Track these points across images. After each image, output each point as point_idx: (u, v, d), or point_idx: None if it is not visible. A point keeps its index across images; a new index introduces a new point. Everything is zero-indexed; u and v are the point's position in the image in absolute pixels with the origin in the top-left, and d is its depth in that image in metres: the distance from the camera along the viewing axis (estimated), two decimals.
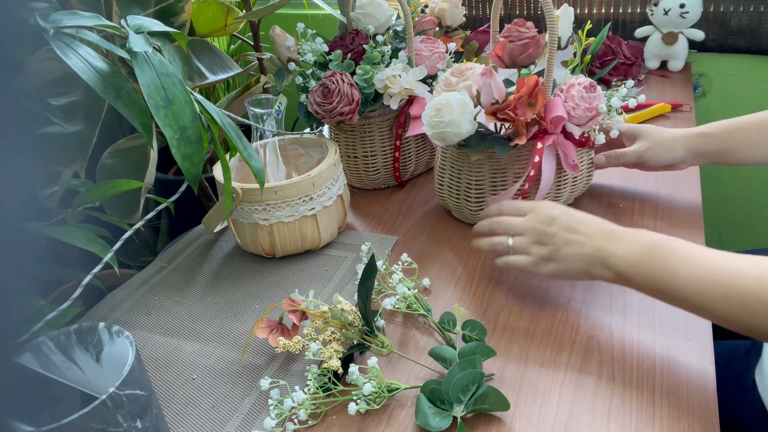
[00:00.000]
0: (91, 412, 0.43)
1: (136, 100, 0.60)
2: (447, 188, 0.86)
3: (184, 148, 0.60)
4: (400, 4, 0.90)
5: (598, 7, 1.40)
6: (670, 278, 0.58)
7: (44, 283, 0.90)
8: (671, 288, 0.58)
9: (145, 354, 0.71)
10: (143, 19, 0.64)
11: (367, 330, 0.64)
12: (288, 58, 1.01)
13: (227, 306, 0.77)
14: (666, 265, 0.59)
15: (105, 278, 0.99)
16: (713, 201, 1.44)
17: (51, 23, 0.58)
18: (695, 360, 0.62)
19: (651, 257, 0.60)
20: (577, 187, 0.87)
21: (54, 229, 0.75)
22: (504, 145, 0.76)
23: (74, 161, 0.73)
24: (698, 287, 0.56)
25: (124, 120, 1.14)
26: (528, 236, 0.69)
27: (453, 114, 0.75)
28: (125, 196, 0.84)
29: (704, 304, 0.56)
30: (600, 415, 0.57)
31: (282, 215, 0.80)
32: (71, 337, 0.51)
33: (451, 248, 0.84)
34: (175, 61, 0.67)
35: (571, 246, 0.65)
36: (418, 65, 0.93)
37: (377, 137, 0.96)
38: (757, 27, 1.29)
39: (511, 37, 0.81)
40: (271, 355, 0.68)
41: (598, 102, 0.77)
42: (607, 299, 0.71)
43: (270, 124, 0.88)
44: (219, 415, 0.62)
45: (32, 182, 0.75)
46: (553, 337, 0.66)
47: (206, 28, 1.08)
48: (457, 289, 0.76)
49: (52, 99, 0.71)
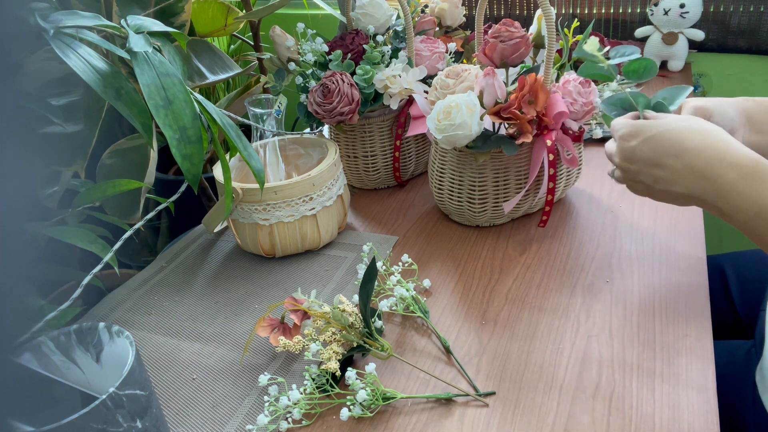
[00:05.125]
0: (91, 412, 0.43)
1: (136, 100, 0.60)
2: (447, 192, 0.86)
3: (184, 148, 0.60)
4: (400, 4, 0.90)
5: (598, 7, 1.40)
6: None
7: (44, 283, 0.91)
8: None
9: (145, 354, 0.71)
10: (143, 19, 0.64)
11: (367, 332, 0.64)
12: (288, 58, 1.01)
13: (227, 306, 0.77)
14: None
15: (105, 278, 0.99)
16: None
17: (51, 23, 0.58)
18: (695, 360, 0.62)
19: (752, 186, 0.53)
20: (570, 181, 0.88)
21: (54, 229, 0.75)
22: (510, 144, 0.76)
23: (74, 161, 0.73)
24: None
25: (124, 120, 1.15)
26: (621, 173, 0.64)
27: (463, 116, 0.75)
28: (125, 196, 0.84)
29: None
30: (600, 416, 0.57)
31: (282, 215, 0.80)
32: (71, 337, 0.51)
33: (452, 248, 0.84)
34: (175, 61, 0.67)
35: (661, 183, 0.59)
36: (418, 65, 0.93)
37: (377, 137, 0.96)
38: (757, 27, 1.29)
39: (501, 36, 0.81)
40: (271, 354, 0.68)
41: (593, 96, 0.78)
42: (607, 299, 0.71)
43: (270, 124, 0.88)
44: (219, 415, 0.62)
45: (32, 182, 0.75)
46: (554, 337, 0.66)
47: (206, 28, 1.08)
48: (457, 290, 0.76)
49: (52, 99, 0.71)
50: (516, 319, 0.70)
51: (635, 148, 0.60)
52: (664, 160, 0.58)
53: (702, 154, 0.56)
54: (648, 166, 0.60)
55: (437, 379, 0.63)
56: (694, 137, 0.57)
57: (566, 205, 0.90)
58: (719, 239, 1.51)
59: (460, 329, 0.69)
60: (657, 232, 0.82)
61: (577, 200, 0.91)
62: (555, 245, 0.82)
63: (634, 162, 0.61)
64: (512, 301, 0.73)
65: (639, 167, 0.60)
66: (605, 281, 0.74)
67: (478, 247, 0.83)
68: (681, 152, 0.57)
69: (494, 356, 0.65)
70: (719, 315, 0.88)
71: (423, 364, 0.65)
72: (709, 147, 0.56)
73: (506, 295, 0.74)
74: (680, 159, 0.57)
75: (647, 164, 0.60)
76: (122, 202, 0.85)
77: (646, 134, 0.59)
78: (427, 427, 0.58)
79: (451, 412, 0.59)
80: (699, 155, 0.57)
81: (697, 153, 0.57)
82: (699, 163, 0.56)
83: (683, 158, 0.57)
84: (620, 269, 0.76)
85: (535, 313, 0.70)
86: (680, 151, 0.57)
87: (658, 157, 0.58)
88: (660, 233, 0.81)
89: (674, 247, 0.79)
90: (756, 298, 0.85)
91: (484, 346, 0.66)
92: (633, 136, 0.60)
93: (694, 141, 0.57)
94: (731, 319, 0.89)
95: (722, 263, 0.92)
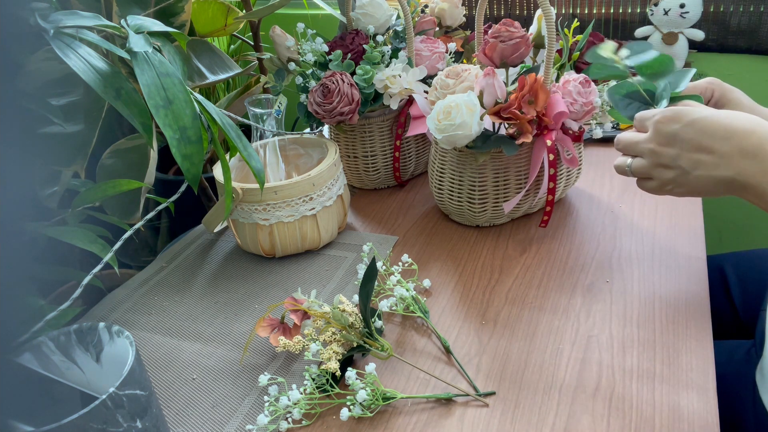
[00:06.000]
0: (91, 412, 0.43)
1: (136, 100, 0.60)
2: (447, 192, 0.86)
3: (184, 148, 0.60)
4: (400, 4, 0.90)
5: (598, 7, 1.40)
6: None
7: (44, 283, 0.90)
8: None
9: (145, 354, 0.71)
10: (143, 19, 0.64)
11: (367, 332, 0.64)
12: (288, 58, 1.01)
13: (227, 306, 0.77)
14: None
15: (105, 278, 0.99)
16: (713, 201, 1.44)
17: (51, 23, 0.57)
18: (695, 360, 0.62)
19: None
20: (570, 181, 0.88)
21: (54, 229, 0.75)
22: (510, 144, 0.76)
23: (74, 161, 0.73)
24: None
25: (124, 120, 1.15)
26: (647, 159, 0.61)
27: (463, 116, 0.75)
28: (125, 196, 0.84)
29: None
30: (600, 416, 0.57)
31: (282, 215, 0.80)
32: (71, 337, 0.51)
33: (452, 248, 0.84)
34: (175, 61, 0.67)
35: (701, 168, 0.57)
36: (418, 65, 0.93)
37: (377, 137, 0.96)
38: (757, 27, 1.29)
39: (502, 36, 0.81)
40: (271, 354, 0.68)
41: (593, 96, 0.78)
42: (607, 299, 0.71)
43: (270, 124, 0.88)
44: (219, 415, 0.62)
45: (32, 182, 0.75)
46: (554, 337, 0.66)
47: (206, 28, 1.08)
48: (457, 290, 0.76)
49: (52, 99, 0.71)
50: (516, 319, 0.70)
51: (678, 131, 0.58)
52: (711, 142, 0.56)
53: (753, 136, 0.55)
54: (690, 150, 0.58)
55: (437, 379, 0.63)
56: (742, 120, 0.56)
57: (566, 205, 0.90)
58: (719, 239, 1.51)
59: (460, 329, 0.69)
60: (657, 232, 0.82)
61: (577, 200, 0.91)
62: (555, 245, 0.82)
63: (676, 145, 0.58)
64: (512, 301, 0.73)
65: (679, 151, 0.58)
66: (605, 281, 0.74)
67: (478, 247, 0.83)
68: (731, 134, 0.56)
69: (494, 356, 0.65)
70: (719, 315, 0.88)
71: (423, 364, 0.65)
72: (760, 128, 0.55)
73: (506, 295, 0.74)
74: (730, 141, 0.56)
75: (691, 148, 0.57)
76: (122, 202, 0.85)
77: (691, 117, 0.57)
78: (427, 427, 0.58)
79: (451, 412, 0.59)
80: (749, 137, 0.55)
81: (748, 134, 0.55)
82: (750, 145, 0.55)
83: (733, 140, 0.56)
84: (620, 269, 0.76)
85: (535, 313, 0.70)
86: (730, 134, 0.56)
87: (705, 140, 0.56)
88: (660, 233, 0.81)
89: (674, 247, 0.79)
90: (756, 298, 0.85)
91: (484, 346, 0.66)
92: (675, 120, 0.58)
93: (743, 123, 0.56)
94: (731, 319, 0.89)
95: (722, 263, 0.92)
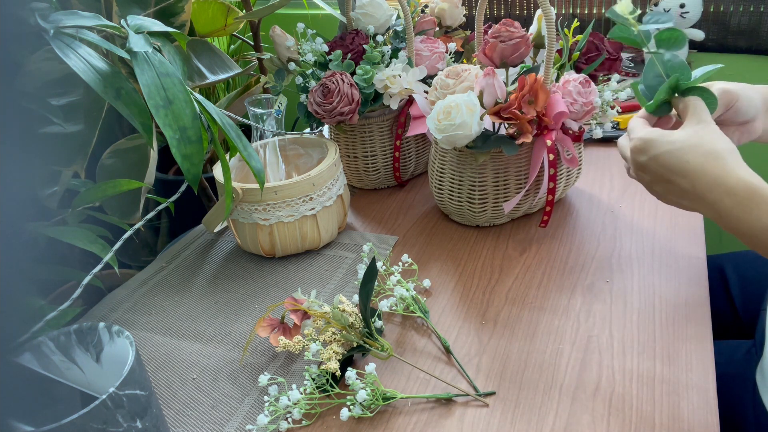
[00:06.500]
0: (91, 412, 0.43)
1: (136, 100, 0.60)
2: (447, 192, 0.86)
3: (184, 148, 0.60)
4: (400, 4, 0.90)
5: (598, 7, 1.40)
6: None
7: (44, 283, 0.91)
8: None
9: (145, 354, 0.71)
10: (143, 19, 0.64)
11: (367, 332, 0.64)
12: (288, 58, 1.01)
13: (227, 306, 0.77)
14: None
15: (105, 278, 0.99)
16: None
17: (51, 23, 0.57)
18: (695, 360, 0.62)
19: (748, 212, 0.55)
20: (570, 181, 0.88)
21: (54, 229, 0.75)
22: (511, 144, 0.76)
23: (74, 161, 0.73)
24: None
25: (124, 120, 1.15)
26: (636, 177, 0.65)
27: (463, 116, 0.75)
28: (125, 196, 0.84)
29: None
30: (600, 416, 0.57)
31: (282, 215, 0.80)
32: (71, 337, 0.51)
33: (452, 248, 0.84)
34: (175, 61, 0.67)
35: (672, 195, 0.61)
36: (418, 65, 0.93)
37: (377, 137, 0.96)
38: (757, 27, 1.29)
39: (502, 36, 0.81)
40: (271, 354, 0.68)
41: (593, 96, 0.78)
42: (607, 299, 0.71)
43: (270, 124, 0.88)
44: (219, 415, 0.62)
45: (32, 182, 0.75)
46: (554, 337, 0.66)
47: (206, 28, 1.08)
48: (457, 290, 0.76)
49: (52, 99, 0.71)
50: (516, 319, 0.70)
51: (646, 163, 0.62)
52: (672, 177, 0.60)
53: (702, 178, 0.58)
54: (658, 181, 0.61)
55: (437, 379, 0.63)
56: (695, 160, 0.59)
57: (566, 205, 0.90)
58: (719, 239, 1.51)
59: (460, 329, 0.69)
60: (657, 232, 0.82)
61: (577, 200, 0.91)
62: (555, 245, 0.82)
63: (647, 173, 0.62)
64: (512, 301, 0.73)
65: (651, 179, 0.62)
66: (605, 281, 0.74)
67: (478, 247, 0.83)
68: (684, 173, 0.59)
69: (494, 356, 0.65)
70: (719, 315, 0.88)
71: (423, 364, 0.65)
72: (708, 172, 0.58)
73: (506, 295, 0.74)
74: (686, 179, 0.59)
75: (658, 179, 0.61)
76: (122, 202, 0.85)
77: (653, 152, 0.61)
78: (427, 427, 0.58)
79: (451, 412, 0.59)
80: (700, 179, 0.58)
81: (699, 176, 0.58)
82: (700, 186, 0.58)
83: (688, 179, 0.59)
84: (620, 269, 0.76)
85: (535, 313, 0.70)
86: (684, 172, 0.59)
87: (667, 174, 0.60)
88: (660, 233, 0.81)
89: (674, 247, 0.79)
90: (756, 298, 0.85)
91: (484, 346, 0.66)
92: (642, 152, 0.62)
93: (694, 164, 0.59)
94: (731, 319, 0.89)
95: (722, 263, 0.92)
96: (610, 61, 0.86)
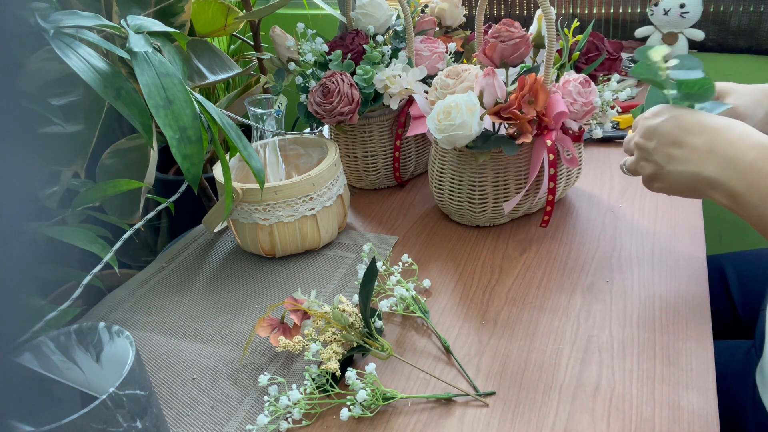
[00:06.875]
0: (91, 412, 0.43)
1: (136, 100, 0.60)
2: (447, 192, 0.86)
3: (184, 148, 0.60)
4: (400, 4, 0.90)
5: (598, 7, 1.40)
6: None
7: (44, 283, 0.91)
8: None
9: (145, 354, 0.71)
10: (143, 19, 0.64)
11: (367, 332, 0.64)
12: (288, 58, 1.01)
13: (227, 306, 0.77)
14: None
15: (105, 278, 0.99)
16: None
17: (51, 23, 0.57)
18: (695, 360, 0.62)
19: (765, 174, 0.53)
20: (570, 181, 0.88)
21: (54, 229, 0.75)
22: (511, 144, 0.76)
23: (74, 161, 0.73)
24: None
25: (124, 120, 1.15)
26: (636, 152, 0.63)
27: (463, 116, 0.75)
28: (125, 196, 0.84)
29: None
30: (600, 416, 0.57)
31: (282, 215, 0.80)
32: (71, 337, 0.51)
33: (452, 248, 0.84)
34: (175, 61, 0.67)
35: (673, 163, 0.58)
36: (418, 65, 0.93)
37: (377, 137, 0.96)
38: (757, 27, 1.29)
39: (502, 36, 0.81)
40: (271, 354, 0.68)
41: (593, 96, 0.79)
42: (607, 299, 0.71)
43: (270, 124, 0.88)
44: (219, 415, 0.62)
45: (32, 182, 0.75)
46: (554, 337, 0.66)
47: (206, 28, 1.08)
48: (457, 290, 0.76)
49: (52, 99, 0.71)
50: (516, 319, 0.70)
51: (658, 125, 0.60)
52: (685, 137, 0.58)
53: (725, 134, 0.57)
54: (665, 144, 0.59)
55: (437, 379, 0.63)
56: (717, 119, 0.58)
57: (566, 205, 0.90)
58: (719, 239, 1.51)
59: (460, 329, 0.69)
60: (657, 232, 0.82)
61: (577, 200, 0.91)
62: (555, 245, 0.82)
63: (654, 138, 0.60)
64: (512, 301, 0.73)
65: (656, 145, 0.60)
66: (605, 281, 0.74)
67: (478, 247, 0.83)
68: (704, 130, 0.57)
69: (494, 356, 0.65)
70: (719, 315, 0.88)
71: (423, 364, 0.65)
72: (734, 127, 0.57)
73: (506, 295, 0.74)
74: (701, 137, 0.57)
75: (666, 142, 0.59)
76: (122, 202, 0.85)
77: (672, 112, 0.60)
78: (427, 427, 0.58)
79: (451, 412, 0.59)
80: (722, 135, 0.57)
81: (721, 132, 0.57)
82: (721, 142, 0.56)
83: (705, 136, 0.57)
84: (620, 269, 0.76)
85: (535, 313, 0.70)
86: (703, 129, 0.57)
87: (679, 135, 0.58)
88: (660, 233, 0.81)
89: (674, 247, 0.79)
90: (756, 298, 0.85)
91: (484, 346, 0.66)
92: (658, 114, 0.61)
93: (719, 122, 0.58)
94: (731, 319, 0.89)
95: (722, 263, 0.92)
96: (610, 61, 0.86)
